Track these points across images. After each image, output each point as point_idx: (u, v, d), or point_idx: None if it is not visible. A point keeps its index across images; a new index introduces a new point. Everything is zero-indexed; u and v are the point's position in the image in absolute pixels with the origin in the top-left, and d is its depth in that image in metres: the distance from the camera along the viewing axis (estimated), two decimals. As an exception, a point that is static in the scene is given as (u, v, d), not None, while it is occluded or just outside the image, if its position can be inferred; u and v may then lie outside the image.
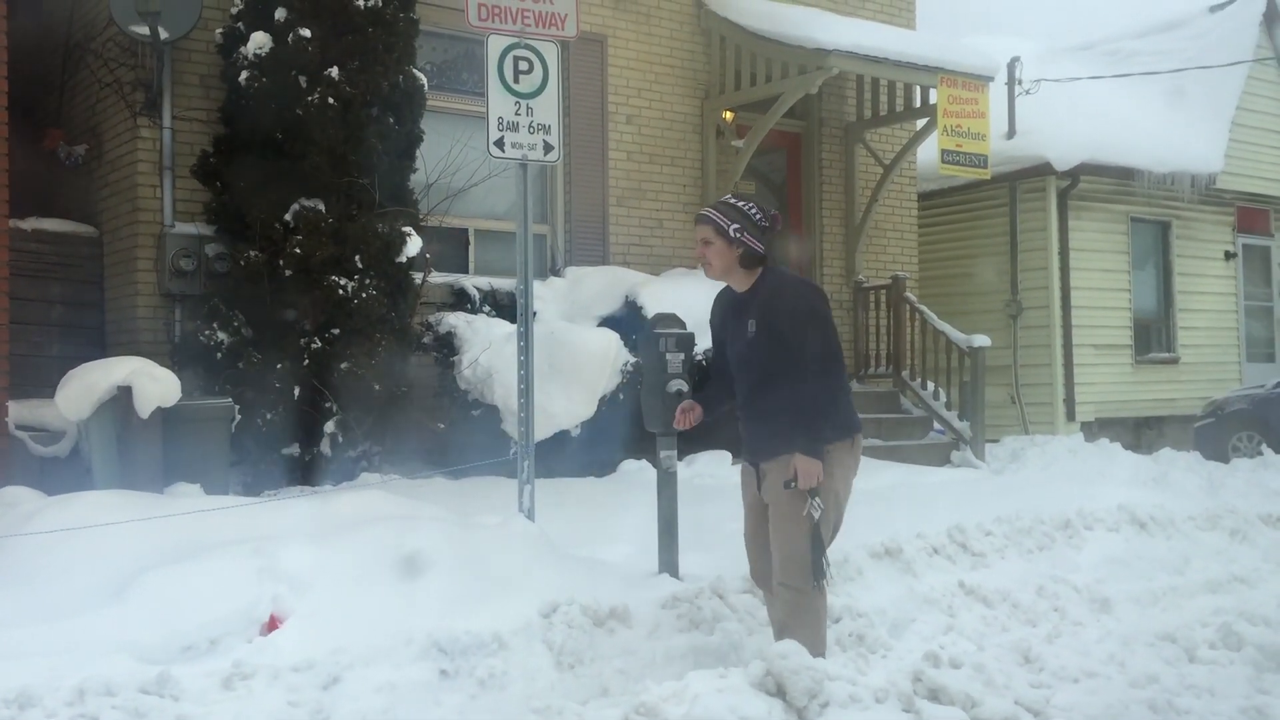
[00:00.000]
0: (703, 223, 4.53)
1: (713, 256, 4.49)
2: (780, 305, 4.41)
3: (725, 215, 4.47)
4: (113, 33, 8.47)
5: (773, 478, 4.43)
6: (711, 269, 4.53)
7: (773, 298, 4.45)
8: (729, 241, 4.43)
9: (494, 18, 5.72)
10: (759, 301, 4.45)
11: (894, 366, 11.40)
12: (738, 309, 4.55)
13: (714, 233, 4.47)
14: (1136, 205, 14.23)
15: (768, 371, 4.44)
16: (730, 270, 4.50)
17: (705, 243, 4.50)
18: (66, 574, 4.80)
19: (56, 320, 8.64)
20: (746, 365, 4.49)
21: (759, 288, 4.49)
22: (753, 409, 4.53)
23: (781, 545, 4.38)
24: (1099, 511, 7.22)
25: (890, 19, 12.23)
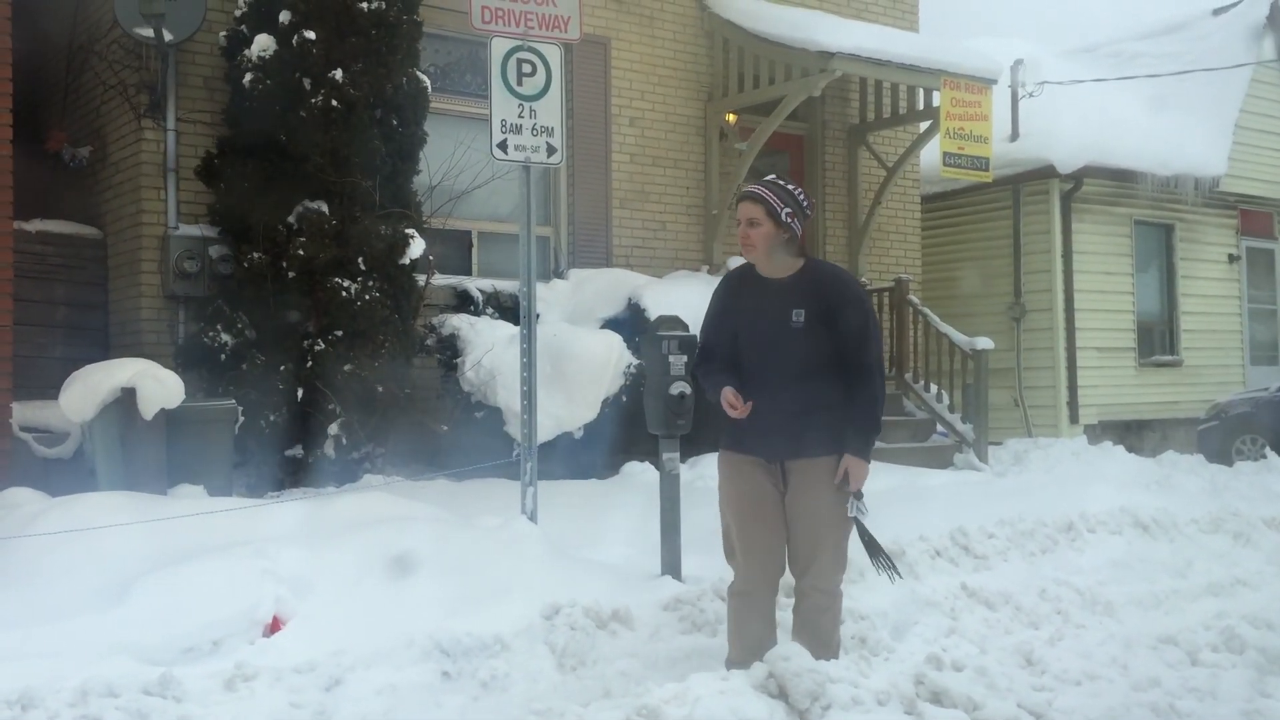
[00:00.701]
0: (753, 201, 4.20)
1: (758, 238, 4.19)
2: (842, 298, 4.19)
3: (779, 197, 4.19)
4: (117, 35, 8.49)
5: (809, 478, 4.20)
6: (754, 250, 4.22)
7: (832, 289, 4.20)
8: (779, 225, 4.16)
9: (497, 20, 5.73)
10: (811, 290, 4.18)
11: (897, 369, 11.38)
12: (772, 295, 4.23)
13: (764, 214, 4.17)
14: (1140, 208, 14.22)
15: (816, 365, 4.17)
16: (771, 254, 4.21)
17: (752, 223, 4.18)
18: (70, 575, 4.81)
19: (60, 322, 8.66)
20: (784, 355, 4.19)
21: (806, 275, 4.23)
22: (788, 402, 4.19)
23: (822, 548, 4.22)
24: (1101, 514, 7.21)
25: (893, 21, 12.24)
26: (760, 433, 4.25)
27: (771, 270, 4.26)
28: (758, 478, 4.30)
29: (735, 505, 4.36)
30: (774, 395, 4.20)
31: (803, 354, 4.16)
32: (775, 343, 4.21)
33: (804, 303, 4.17)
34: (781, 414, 4.20)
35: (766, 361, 4.23)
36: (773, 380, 4.21)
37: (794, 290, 4.20)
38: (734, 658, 4.30)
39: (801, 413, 4.18)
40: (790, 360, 4.18)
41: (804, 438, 4.19)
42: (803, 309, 4.16)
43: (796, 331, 4.16)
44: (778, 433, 4.22)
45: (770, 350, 4.22)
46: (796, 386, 4.18)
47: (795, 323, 4.15)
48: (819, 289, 4.19)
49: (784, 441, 4.22)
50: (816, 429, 4.17)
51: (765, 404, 4.20)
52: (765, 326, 4.23)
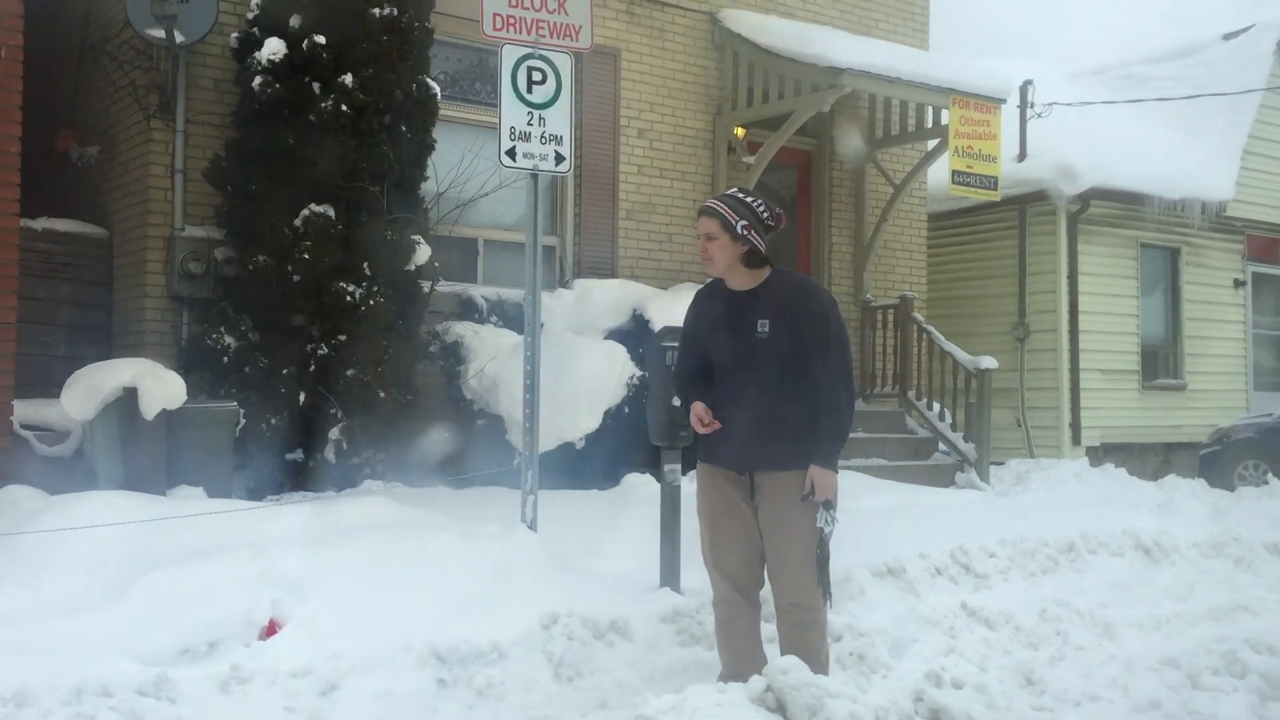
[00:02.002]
0: (708, 215, 4.24)
1: (715, 252, 4.22)
2: (806, 308, 4.18)
3: (733, 210, 4.22)
4: (128, 35, 8.51)
5: (777, 491, 4.19)
6: (713, 265, 4.26)
7: (796, 299, 4.21)
8: (734, 238, 4.19)
9: (509, 28, 5.74)
10: (775, 300, 4.20)
11: (900, 386, 11.37)
12: (738, 306, 4.26)
13: (719, 228, 4.21)
14: (1146, 231, 14.22)
15: (781, 375, 4.17)
16: (732, 267, 4.24)
17: (709, 237, 4.23)
18: (67, 574, 4.80)
19: (64, 320, 8.66)
20: (750, 366, 4.19)
21: (771, 286, 4.24)
22: (754, 413, 4.19)
23: (795, 562, 4.18)
24: (1103, 536, 7.19)
25: (904, 39, 12.25)
26: (730, 444, 4.27)
27: (737, 282, 4.28)
28: (728, 489, 4.30)
29: (707, 517, 4.37)
30: (743, 406, 4.21)
31: (769, 364, 4.17)
32: (742, 354, 4.22)
33: (769, 313, 4.18)
34: (750, 425, 4.20)
35: (735, 373, 4.24)
36: (741, 391, 4.22)
37: (759, 301, 4.22)
38: (724, 673, 4.29)
39: (769, 424, 4.18)
40: (757, 371, 4.19)
41: (771, 450, 4.18)
42: (767, 319, 4.17)
43: (761, 342, 4.17)
44: (746, 444, 4.22)
45: (737, 361, 4.23)
46: (764, 397, 4.17)
47: (760, 333, 4.17)
48: (783, 299, 4.20)
49: (752, 453, 4.22)
50: (784, 441, 4.16)
51: (734, 415, 4.22)
52: (732, 338, 4.24)
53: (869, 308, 11.78)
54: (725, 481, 4.30)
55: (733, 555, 4.30)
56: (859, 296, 11.87)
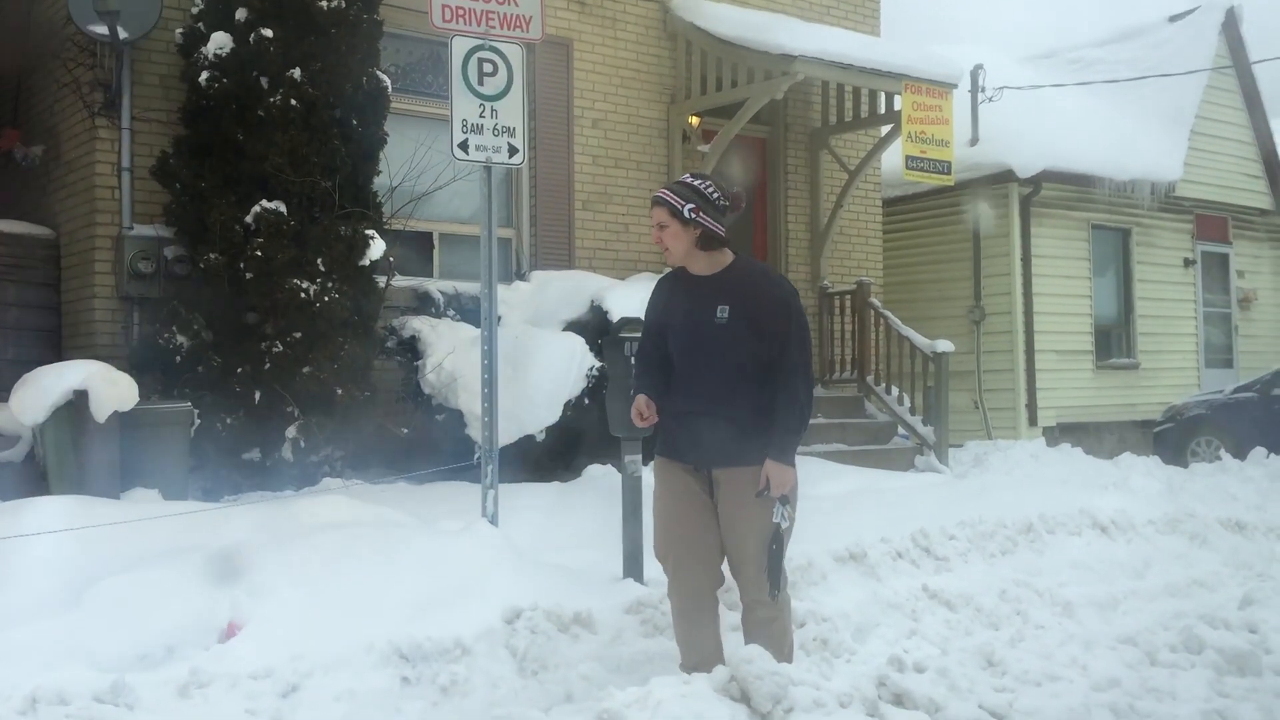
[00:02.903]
0: (657, 205, 4.18)
1: (669, 240, 4.16)
2: (766, 296, 4.09)
3: (679, 195, 4.13)
4: (71, 32, 8.35)
5: (735, 487, 4.10)
6: (670, 254, 4.20)
7: (757, 286, 4.11)
8: (684, 223, 4.10)
9: (458, 19, 5.69)
10: (735, 287, 4.10)
11: (858, 371, 11.43)
12: (698, 293, 4.16)
13: (668, 215, 4.14)
14: (1097, 213, 14.38)
15: (740, 365, 4.06)
16: (690, 254, 4.16)
17: (661, 226, 4.16)
18: (20, 581, 4.71)
19: (11, 323, 8.51)
20: (708, 354, 4.09)
21: (732, 272, 4.15)
22: (712, 405, 4.10)
23: (756, 560, 4.09)
24: (1060, 516, 7.27)
25: (855, 26, 12.30)
26: (688, 438, 4.18)
27: (698, 268, 4.19)
28: (687, 484, 4.21)
29: (664, 512, 4.28)
30: (700, 398, 4.11)
31: (727, 353, 4.06)
32: (701, 342, 4.11)
33: (728, 299, 4.08)
34: (708, 419, 4.10)
35: (694, 362, 4.14)
36: (700, 382, 4.12)
37: (719, 287, 4.12)
38: (684, 664, 4.28)
39: (727, 418, 4.07)
40: (715, 360, 4.09)
41: (730, 445, 4.07)
42: (727, 305, 4.06)
43: (720, 329, 4.06)
44: (705, 439, 4.13)
45: (696, 350, 4.13)
46: (723, 389, 4.08)
47: (719, 319, 4.05)
48: (744, 286, 4.11)
49: (710, 448, 4.12)
50: (743, 436, 4.05)
51: (692, 407, 4.13)
52: (691, 325, 4.14)
53: (826, 294, 11.83)
54: (684, 475, 4.21)
55: (690, 551, 4.22)
56: (816, 283, 11.91)
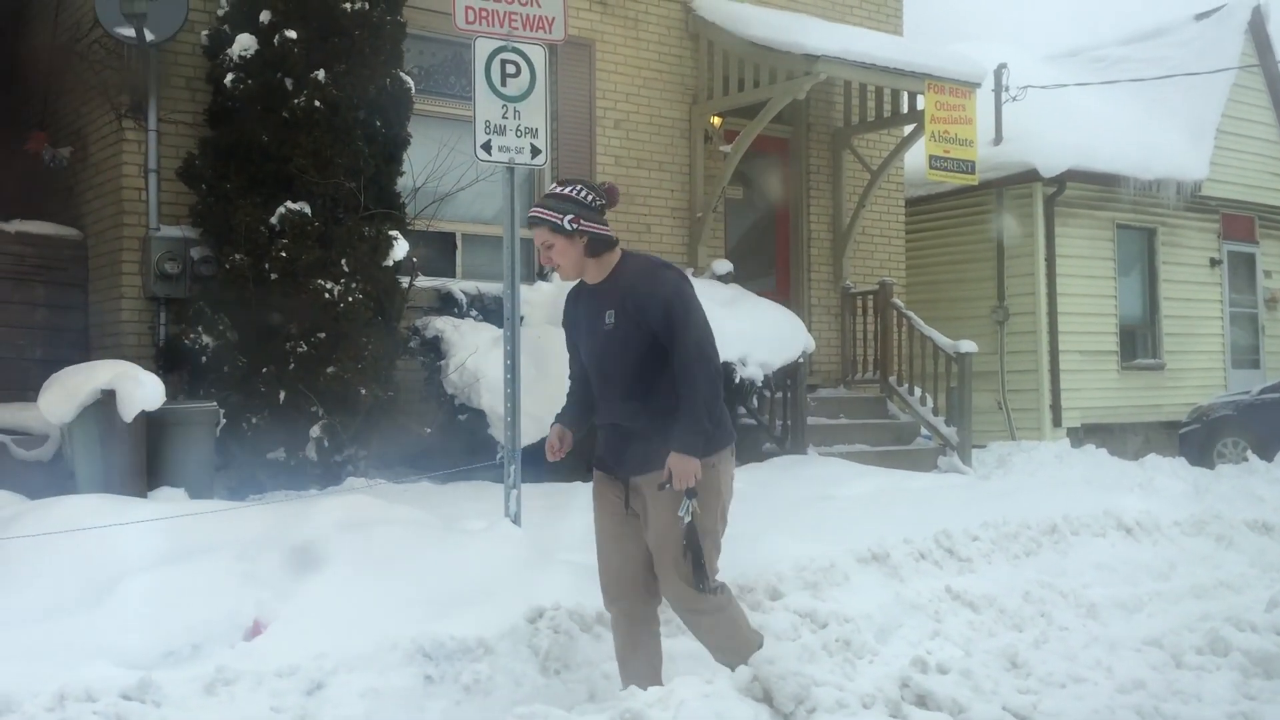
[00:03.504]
0: (536, 225, 4.01)
1: (558, 257, 4.01)
2: (645, 291, 3.91)
3: (555, 210, 3.98)
4: (98, 35, 8.43)
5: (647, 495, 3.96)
6: (563, 270, 4.05)
7: (635, 284, 3.95)
8: (568, 236, 3.96)
9: (481, 20, 5.71)
10: (617, 290, 3.97)
11: (881, 372, 11.40)
12: (592, 302, 4.04)
13: (550, 232, 3.98)
14: (1122, 212, 14.29)
15: (637, 367, 3.93)
16: (581, 264, 4.02)
17: (546, 246, 4.01)
18: (48, 578, 4.77)
19: (40, 323, 8.59)
20: (606, 363, 3.99)
21: (616, 274, 4.03)
22: (620, 414, 4.00)
23: (674, 566, 3.91)
24: (1085, 517, 7.23)
25: (878, 25, 12.26)
26: (608, 450, 4.11)
27: (593, 276, 4.07)
28: (613, 501, 4.12)
29: (595, 528, 4.20)
30: (610, 408, 4.04)
31: (621, 359, 3.94)
32: (600, 352, 4.01)
33: (613, 303, 3.95)
34: (620, 426, 4.02)
35: (599, 372, 4.05)
36: (608, 391, 4.04)
37: (606, 292, 4.01)
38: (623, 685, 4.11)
39: (634, 424, 3.97)
40: (613, 368, 3.98)
41: (639, 452, 3.95)
42: (612, 309, 3.94)
43: (611, 333, 3.94)
44: (618, 448, 4.04)
45: (597, 361, 4.04)
46: (624, 396, 3.97)
47: (607, 325, 3.94)
48: (623, 286, 3.97)
49: (623, 457, 4.02)
50: (650, 439, 3.91)
51: (607, 418, 4.07)
52: (590, 336, 4.05)
53: (849, 294, 11.81)
54: (607, 487, 4.14)
55: (612, 564, 4.13)
56: (838, 283, 11.89)
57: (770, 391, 9.70)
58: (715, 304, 9.27)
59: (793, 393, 9.67)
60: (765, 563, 5.69)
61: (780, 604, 5.34)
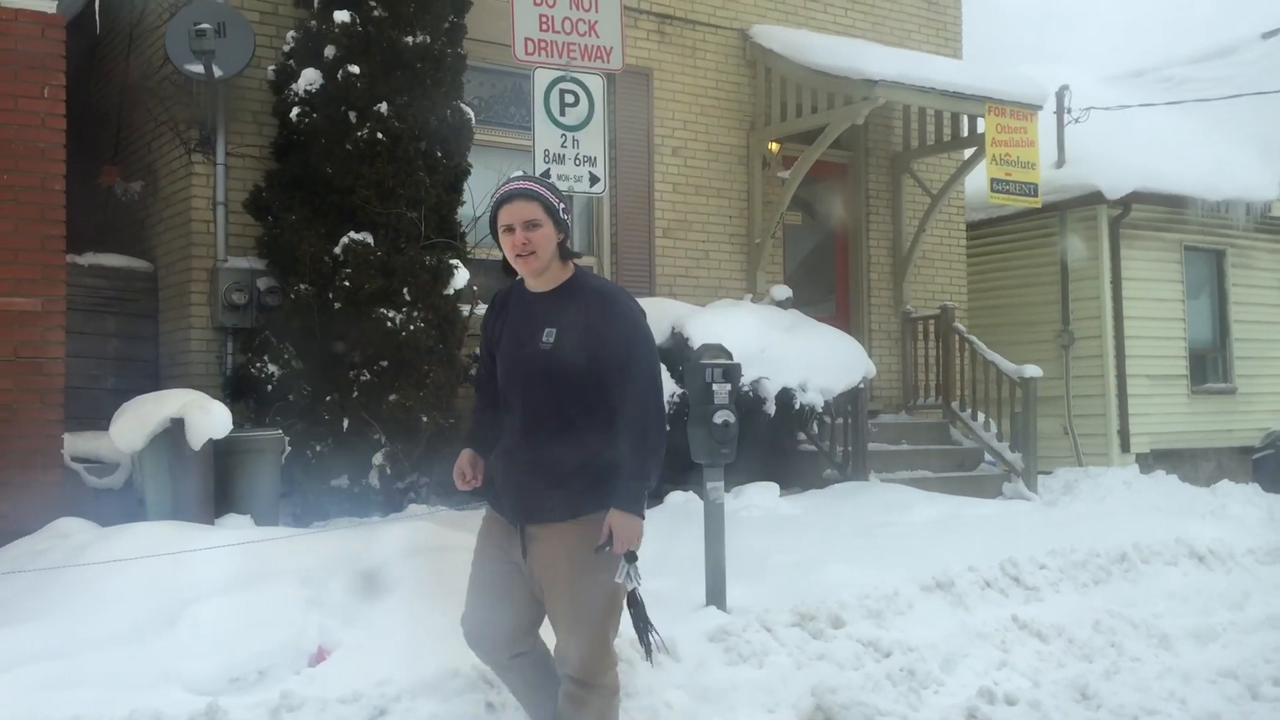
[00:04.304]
0: (527, 199, 3.43)
1: (541, 242, 3.43)
2: (607, 316, 3.41)
3: (554, 193, 3.50)
4: (168, 72, 8.64)
5: (548, 548, 3.43)
6: (537, 259, 3.45)
7: (591, 304, 3.43)
8: (557, 224, 3.46)
9: (540, 52, 5.79)
10: (567, 306, 3.45)
11: (943, 397, 11.29)
12: (528, 311, 3.51)
13: (544, 212, 3.44)
14: (1190, 234, 14.04)
15: (563, 401, 3.39)
16: (553, 262, 3.49)
17: (532, 225, 3.42)
18: (118, 604, 4.85)
19: (112, 353, 8.78)
20: (531, 386, 3.44)
21: (567, 290, 3.50)
22: (531, 449, 3.44)
23: (578, 632, 3.45)
24: (1156, 545, 7.09)
25: (937, 49, 12.20)
26: (507, 487, 3.52)
27: (544, 282, 3.52)
28: (501, 544, 3.57)
29: (471, 574, 3.68)
30: (522, 438, 3.46)
31: (552, 385, 3.40)
32: (523, 370, 3.46)
33: (558, 320, 3.42)
34: (523, 466, 3.46)
35: (514, 395, 3.48)
36: (523, 419, 3.46)
37: (551, 306, 3.47)
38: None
39: (548, 463, 3.41)
40: (539, 393, 3.42)
41: (549, 496, 3.41)
42: (554, 328, 3.41)
43: (547, 355, 3.40)
44: (522, 490, 3.47)
45: (515, 379, 3.48)
46: (545, 428, 3.41)
47: (544, 344, 3.40)
48: (577, 304, 3.44)
49: (525, 501, 3.46)
50: (567, 485, 3.39)
51: (512, 451, 3.49)
52: (513, 349, 3.50)
53: (909, 319, 11.72)
54: (500, 533, 3.58)
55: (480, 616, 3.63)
56: (899, 308, 11.81)
57: (831, 417, 9.64)
58: (775, 329, 9.26)
59: (854, 418, 9.59)
60: (827, 590, 5.64)
61: (843, 632, 5.29)
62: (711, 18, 10.92)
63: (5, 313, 6.55)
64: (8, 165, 6.60)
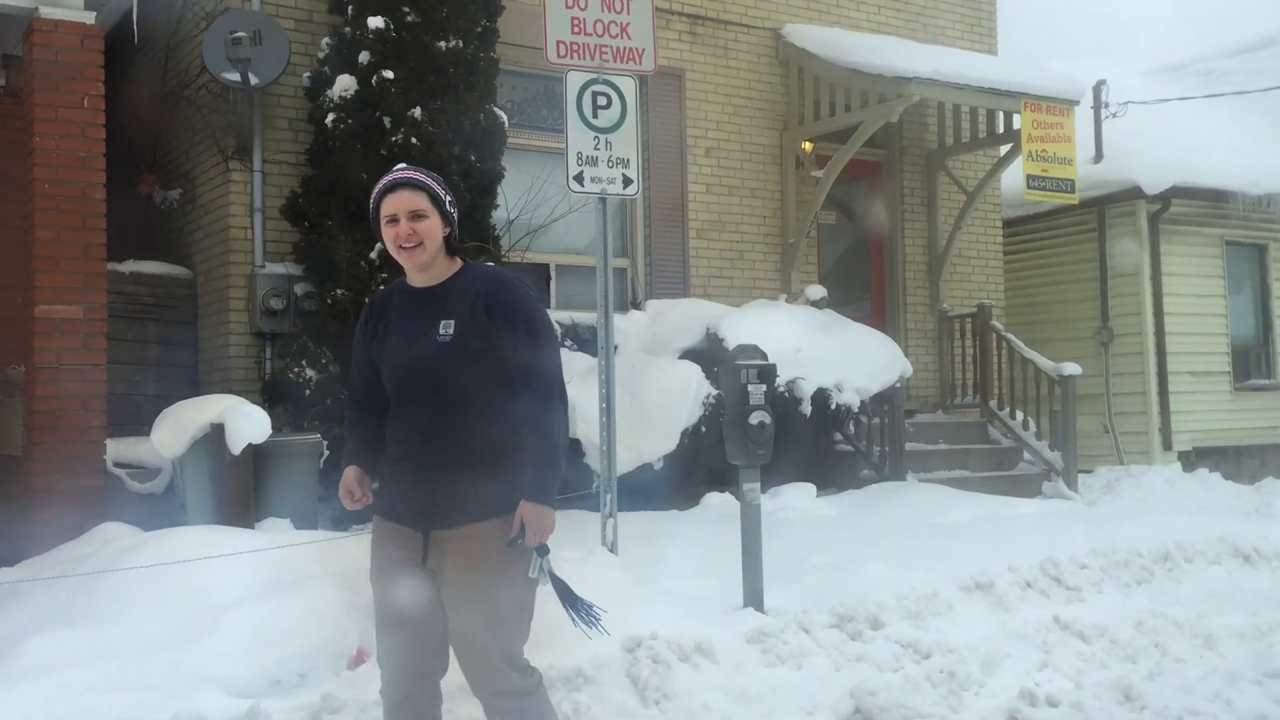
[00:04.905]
0: (413, 188, 3.31)
1: (428, 234, 3.28)
2: (507, 302, 3.25)
3: (440, 185, 3.37)
4: (205, 80, 8.74)
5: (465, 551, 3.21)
6: (423, 252, 3.28)
7: (490, 292, 3.27)
8: (443, 216, 3.32)
9: (572, 54, 5.78)
10: (463, 296, 3.27)
11: (981, 396, 11.20)
12: (417, 306, 3.32)
13: (430, 203, 3.30)
14: (1231, 228, 13.85)
15: (465, 395, 3.22)
16: (439, 255, 3.33)
17: (418, 215, 3.28)
18: (161, 608, 4.90)
19: (152, 360, 8.88)
20: (425, 383, 3.24)
21: (459, 280, 3.33)
22: (429, 448, 3.24)
23: (500, 635, 3.23)
24: (1199, 544, 7.00)
25: (971, 45, 12.12)
26: (406, 492, 3.31)
27: (428, 277, 3.35)
28: (401, 554, 3.31)
29: (374, 588, 3.39)
30: (415, 440, 3.27)
31: (451, 380, 3.22)
32: (417, 368, 3.25)
33: (455, 311, 3.25)
34: (428, 468, 3.25)
35: (408, 394, 3.28)
36: (414, 419, 3.27)
37: (444, 298, 3.30)
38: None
39: (452, 465, 3.22)
40: (435, 390, 3.22)
41: (456, 499, 3.21)
42: (453, 319, 3.24)
43: (444, 349, 3.22)
44: (424, 493, 3.26)
45: (411, 378, 3.27)
46: (444, 427, 3.22)
47: (442, 337, 3.23)
48: (474, 294, 3.27)
49: (431, 504, 3.25)
50: (473, 484, 3.22)
51: (407, 453, 3.29)
52: (404, 346, 3.29)
53: (946, 318, 11.64)
54: (400, 542, 3.32)
55: (398, 640, 3.34)
56: (935, 306, 11.73)
57: (867, 417, 9.59)
58: (810, 330, 9.23)
59: (890, 418, 9.54)
60: (865, 591, 5.61)
61: (882, 634, 5.26)
62: (743, 17, 10.90)
63: (48, 320, 6.65)
64: (49, 175, 6.70)
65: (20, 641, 4.61)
